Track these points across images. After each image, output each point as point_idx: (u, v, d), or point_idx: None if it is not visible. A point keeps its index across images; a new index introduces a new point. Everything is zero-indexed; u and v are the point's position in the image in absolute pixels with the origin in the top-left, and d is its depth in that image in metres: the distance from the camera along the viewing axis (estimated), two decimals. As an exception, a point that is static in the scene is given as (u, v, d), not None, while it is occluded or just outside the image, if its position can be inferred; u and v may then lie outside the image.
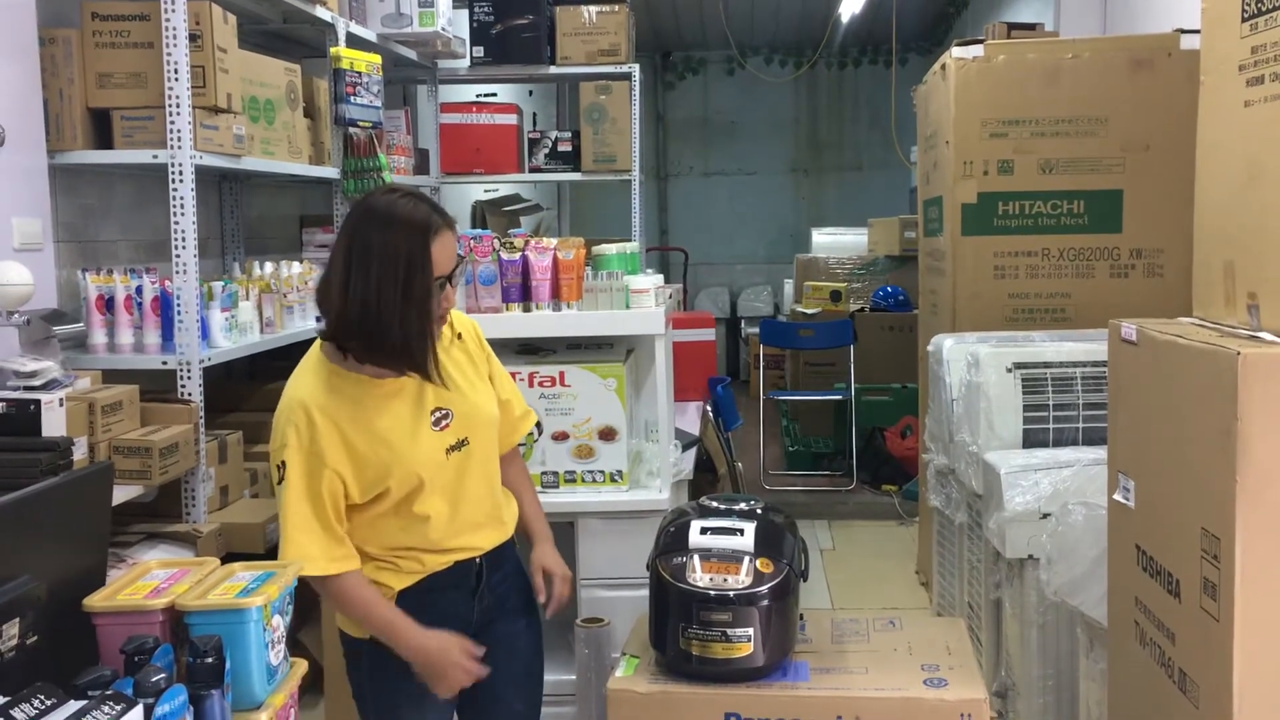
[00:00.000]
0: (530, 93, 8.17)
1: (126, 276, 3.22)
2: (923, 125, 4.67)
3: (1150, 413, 1.95)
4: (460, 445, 2.08)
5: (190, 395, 3.12)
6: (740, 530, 2.17)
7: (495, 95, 6.77)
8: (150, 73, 3.14)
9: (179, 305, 3.14)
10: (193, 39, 3.15)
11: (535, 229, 7.74)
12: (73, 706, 1.27)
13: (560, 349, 3.06)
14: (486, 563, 2.15)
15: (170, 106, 3.10)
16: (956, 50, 3.97)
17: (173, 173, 3.11)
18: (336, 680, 2.75)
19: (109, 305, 3.19)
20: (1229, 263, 1.86)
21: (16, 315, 2.75)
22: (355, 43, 4.46)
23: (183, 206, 3.12)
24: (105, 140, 3.22)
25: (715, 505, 2.28)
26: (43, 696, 1.27)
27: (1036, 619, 2.80)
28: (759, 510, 2.26)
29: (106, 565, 1.77)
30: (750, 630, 2.08)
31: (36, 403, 2.52)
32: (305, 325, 3.80)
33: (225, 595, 1.54)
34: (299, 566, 1.74)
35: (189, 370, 3.13)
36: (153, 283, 3.22)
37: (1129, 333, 2.01)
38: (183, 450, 2.98)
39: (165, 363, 3.14)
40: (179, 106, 3.10)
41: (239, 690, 1.50)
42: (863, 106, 11.19)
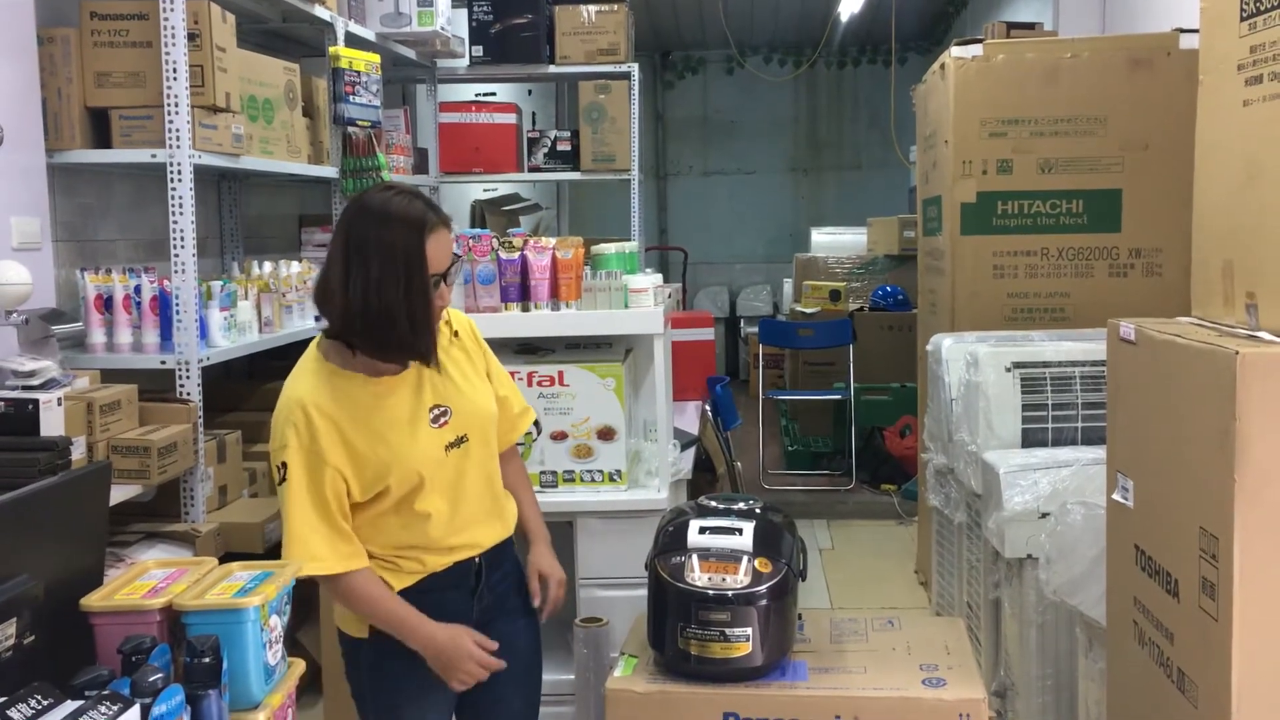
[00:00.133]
0: (529, 92, 8.16)
1: (125, 276, 3.21)
2: (922, 125, 4.67)
3: (1149, 412, 1.95)
4: (459, 442, 2.08)
5: (189, 395, 3.12)
6: (739, 530, 2.17)
7: (494, 95, 6.77)
8: (149, 72, 3.14)
9: (177, 305, 3.14)
10: (191, 38, 3.15)
11: (534, 228, 7.74)
12: (70, 706, 1.26)
13: (559, 348, 3.06)
14: (486, 562, 2.15)
15: (169, 106, 3.09)
16: (956, 50, 3.97)
17: (171, 172, 3.11)
18: (335, 680, 2.75)
19: (107, 305, 3.19)
20: (1228, 262, 1.86)
21: (15, 315, 2.74)
22: (354, 42, 4.46)
23: (181, 206, 3.12)
24: (104, 139, 3.22)
25: (714, 505, 2.28)
26: (40, 696, 1.27)
27: (1035, 619, 2.80)
28: (758, 510, 2.26)
29: (104, 565, 1.76)
30: (749, 630, 2.08)
31: (35, 402, 2.52)
32: (304, 325, 3.79)
33: (222, 595, 1.54)
34: (297, 566, 1.74)
35: (188, 370, 3.13)
36: (151, 282, 3.21)
37: (1128, 332, 2.01)
38: (181, 450, 2.98)
39: (164, 362, 3.14)
40: (177, 106, 3.10)
41: (236, 690, 1.49)
42: (862, 106, 11.19)
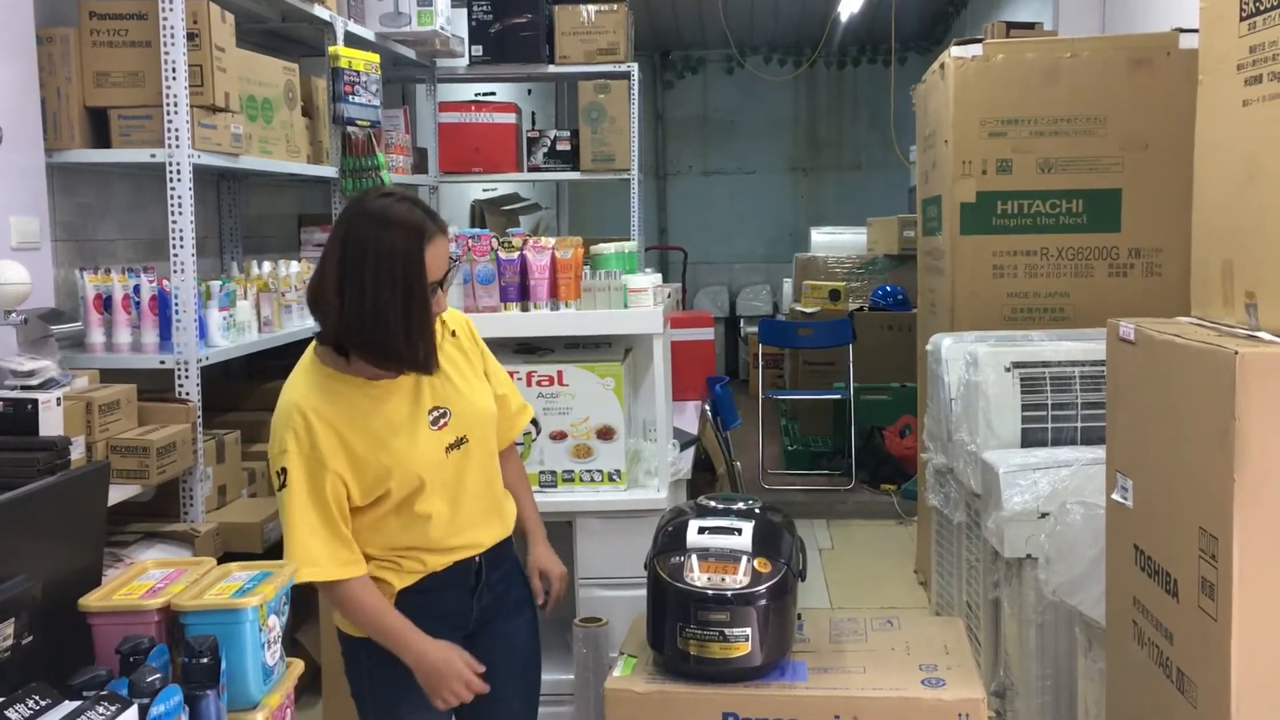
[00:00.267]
0: (529, 92, 8.16)
1: (124, 276, 3.21)
2: (921, 124, 4.67)
3: (1148, 412, 1.95)
4: (459, 443, 2.08)
5: (188, 394, 3.12)
6: (738, 530, 2.17)
7: (494, 94, 6.77)
8: (148, 71, 3.14)
9: (177, 304, 3.14)
10: (190, 38, 3.15)
11: (534, 228, 7.74)
12: (68, 707, 1.26)
13: (558, 348, 3.06)
14: (486, 561, 2.15)
15: (168, 105, 3.09)
16: (955, 49, 3.97)
17: (170, 172, 3.11)
18: (334, 680, 2.75)
19: (107, 304, 3.19)
20: (1227, 262, 1.86)
21: (14, 314, 2.74)
22: (353, 41, 4.46)
23: (180, 205, 3.12)
24: (103, 139, 3.22)
25: (713, 505, 2.28)
26: (38, 697, 1.27)
27: (1035, 618, 2.80)
28: (757, 510, 2.26)
29: (102, 565, 1.76)
30: (748, 630, 2.08)
31: (34, 402, 2.52)
32: (304, 324, 3.79)
33: (221, 595, 1.53)
34: (295, 567, 1.74)
35: (187, 369, 3.13)
36: (150, 282, 3.21)
37: (1127, 332, 2.01)
38: (180, 450, 2.98)
39: (163, 362, 3.13)
40: (177, 105, 3.09)
41: (235, 690, 1.49)
42: (862, 106, 11.18)
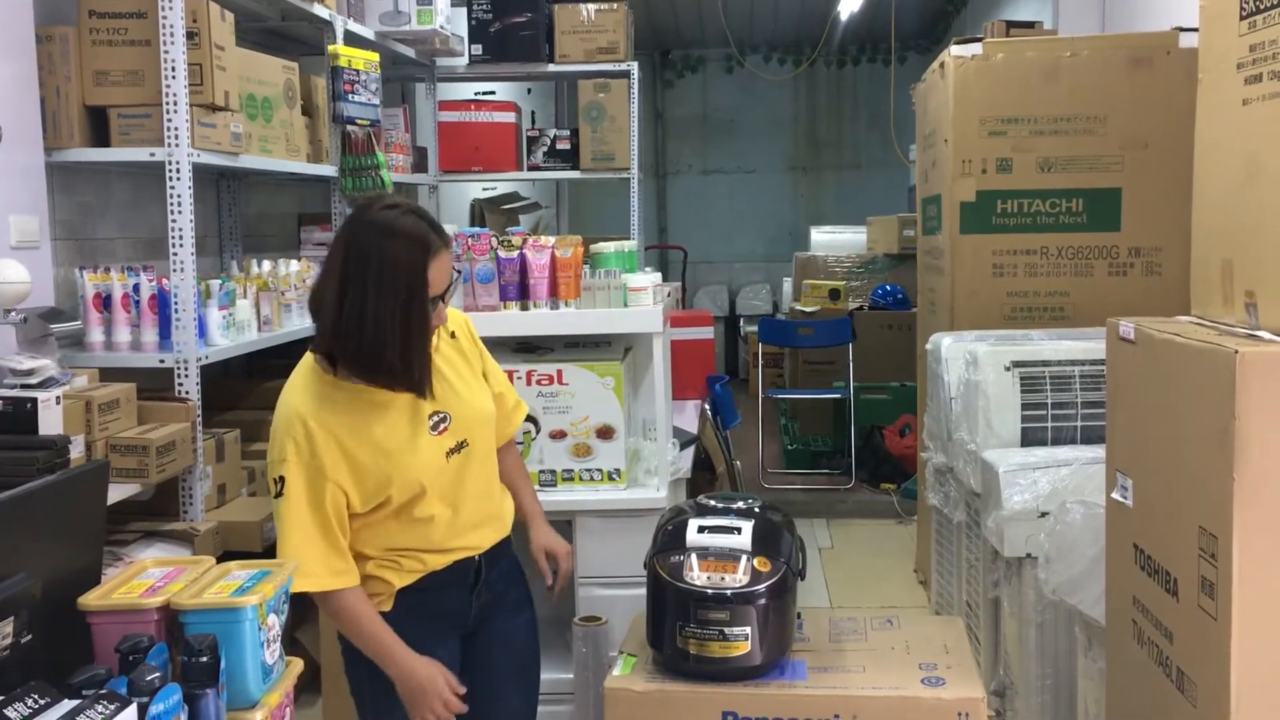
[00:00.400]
0: (529, 91, 8.16)
1: (124, 274, 3.21)
2: (921, 123, 4.67)
3: (1148, 411, 1.95)
4: (459, 447, 2.08)
5: (187, 393, 3.12)
6: (738, 529, 2.17)
7: (494, 93, 6.77)
8: (147, 70, 3.13)
9: (176, 303, 3.14)
10: (190, 36, 3.15)
11: (534, 227, 7.73)
12: (67, 705, 1.26)
13: (558, 347, 3.06)
14: (485, 560, 2.15)
15: (168, 104, 3.09)
16: (955, 48, 3.97)
17: (170, 171, 3.11)
18: (334, 679, 2.75)
19: (106, 303, 3.19)
20: (1227, 261, 1.86)
21: (13, 313, 2.74)
22: (353, 40, 4.45)
23: (180, 204, 3.11)
24: (102, 138, 3.21)
25: (713, 504, 2.28)
26: (37, 695, 1.27)
27: (1034, 618, 2.80)
28: (757, 509, 2.26)
29: (102, 563, 1.76)
30: (747, 629, 2.07)
31: (33, 401, 2.52)
32: (303, 324, 3.79)
33: (220, 594, 1.53)
34: (295, 565, 1.73)
35: (186, 368, 3.13)
36: (150, 281, 3.21)
37: (1127, 331, 2.01)
38: (180, 448, 2.98)
39: (162, 361, 3.13)
40: (176, 104, 3.09)
41: (234, 689, 1.49)
42: (862, 105, 11.18)
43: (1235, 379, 1.60)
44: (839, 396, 6.39)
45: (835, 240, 8.79)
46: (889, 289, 7.27)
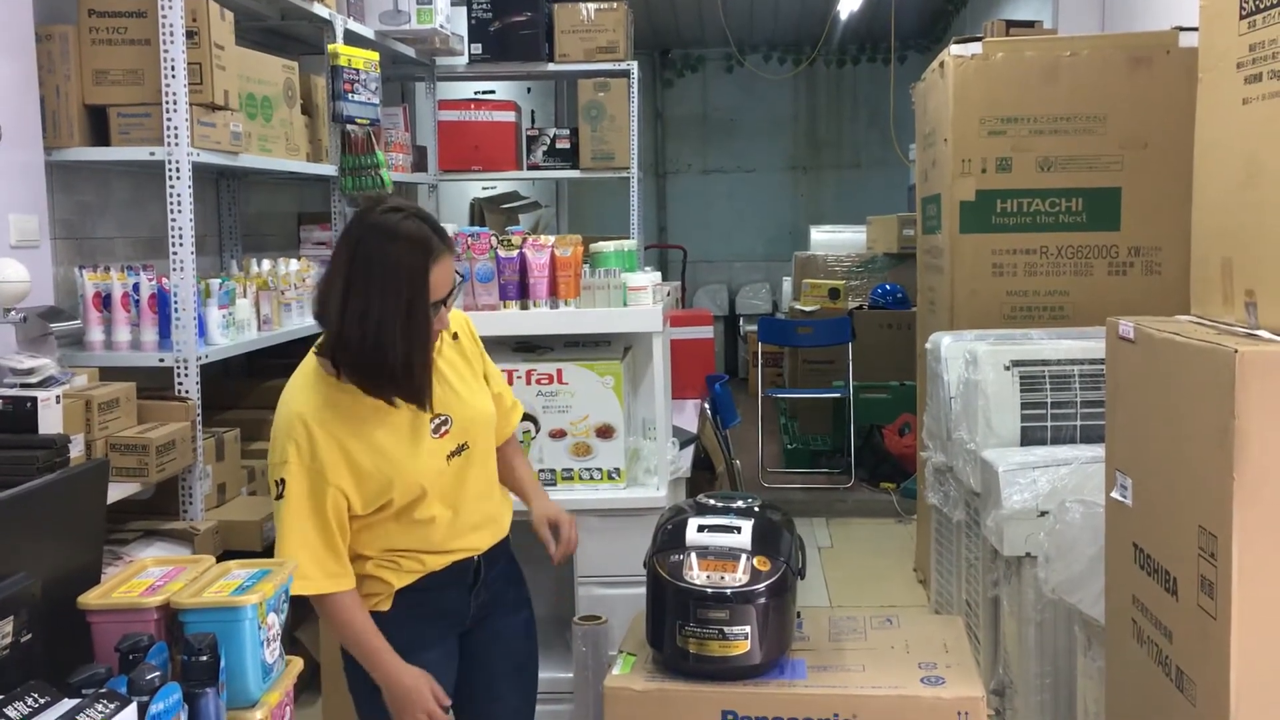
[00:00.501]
0: (528, 90, 8.16)
1: (123, 274, 3.21)
2: (921, 123, 4.67)
3: (1148, 411, 1.95)
4: (460, 450, 2.09)
5: (187, 393, 3.12)
6: (737, 528, 2.17)
7: (493, 92, 6.77)
8: (147, 69, 3.13)
9: (176, 302, 3.14)
10: (190, 36, 3.14)
11: (533, 226, 7.72)
12: (66, 704, 1.26)
13: (558, 346, 3.06)
14: (484, 560, 2.16)
15: (167, 103, 3.09)
16: (955, 48, 3.97)
17: (170, 170, 3.11)
18: (334, 678, 2.75)
19: (106, 302, 3.19)
20: (1227, 260, 1.86)
21: (13, 312, 2.74)
22: (353, 40, 4.45)
23: (180, 204, 3.11)
24: (102, 137, 3.21)
25: (713, 503, 2.28)
26: (36, 695, 1.26)
27: (1034, 617, 2.80)
28: (756, 508, 2.26)
29: (102, 563, 1.76)
30: (747, 628, 2.07)
31: (33, 400, 2.52)
32: (303, 323, 3.79)
33: (220, 593, 1.53)
34: (295, 564, 1.74)
35: (186, 367, 3.12)
36: (150, 280, 3.21)
37: (1127, 330, 2.01)
38: (180, 448, 2.98)
39: (162, 360, 3.13)
40: (176, 103, 3.09)
41: (234, 688, 1.49)
42: (861, 104, 11.19)
43: (1235, 378, 1.60)
44: (838, 396, 6.39)
45: (835, 239, 8.79)
46: (888, 288, 7.27)
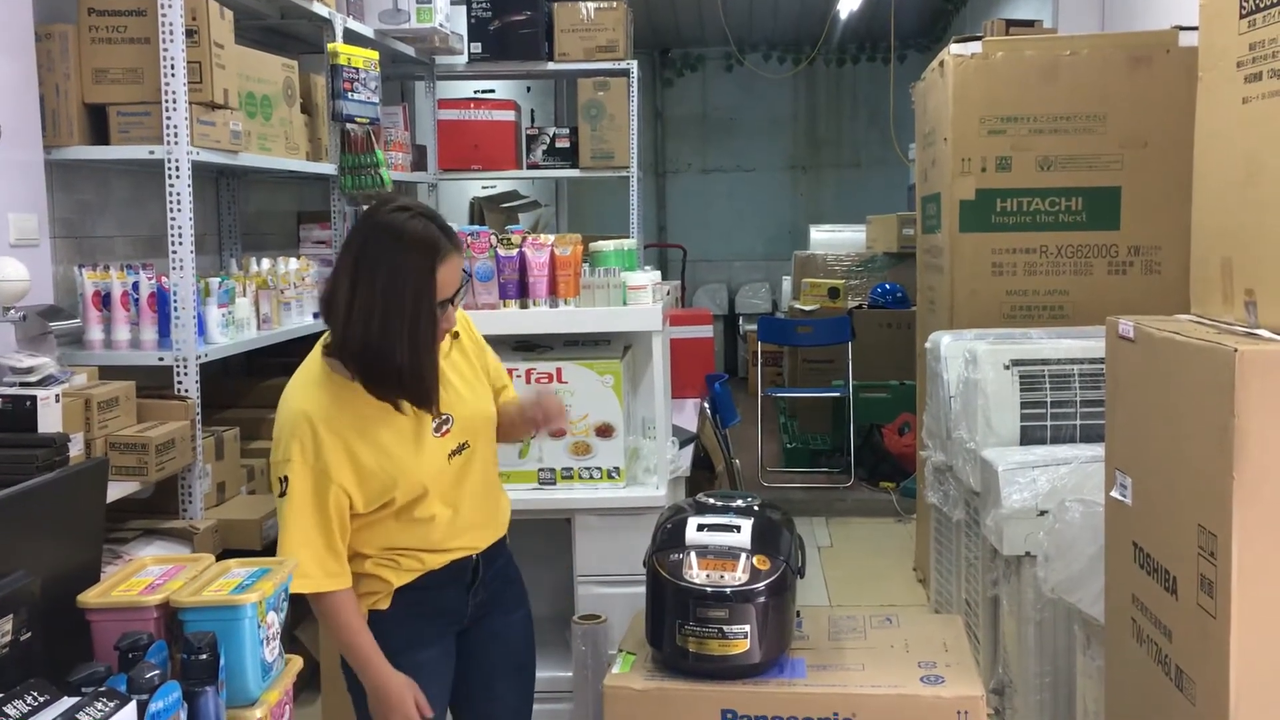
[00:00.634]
0: (528, 89, 8.16)
1: (123, 273, 3.21)
2: (921, 122, 4.67)
3: (1148, 410, 1.95)
4: (461, 449, 2.09)
5: (187, 391, 3.12)
6: (737, 527, 2.17)
7: (493, 91, 6.77)
8: (147, 68, 3.13)
9: (176, 301, 3.14)
10: (189, 34, 3.14)
11: (533, 225, 7.72)
12: (66, 703, 1.26)
13: (557, 345, 3.06)
14: (482, 559, 2.16)
15: (167, 102, 3.09)
16: (955, 47, 3.97)
17: (169, 168, 3.11)
18: (333, 677, 2.75)
19: (105, 301, 3.18)
20: (1227, 259, 1.86)
21: (13, 311, 2.74)
22: (353, 39, 4.45)
23: (179, 202, 3.11)
24: (102, 136, 3.21)
25: (712, 502, 2.28)
26: (36, 693, 1.26)
27: (1034, 616, 2.80)
28: (756, 507, 2.26)
29: (101, 561, 1.76)
30: (747, 627, 2.07)
31: (33, 399, 2.52)
32: (303, 321, 3.79)
33: (220, 592, 1.53)
34: (295, 563, 1.73)
35: (186, 366, 3.12)
36: (149, 279, 3.21)
37: (1127, 330, 2.01)
38: (179, 446, 2.98)
39: (162, 359, 3.13)
40: (176, 102, 3.09)
41: (233, 687, 1.49)
42: (861, 103, 11.18)
43: (1235, 377, 1.60)
44: (838, 395, 6.39)
45: (834, 239, 8.79)
46: (888, 287, 7.27)
